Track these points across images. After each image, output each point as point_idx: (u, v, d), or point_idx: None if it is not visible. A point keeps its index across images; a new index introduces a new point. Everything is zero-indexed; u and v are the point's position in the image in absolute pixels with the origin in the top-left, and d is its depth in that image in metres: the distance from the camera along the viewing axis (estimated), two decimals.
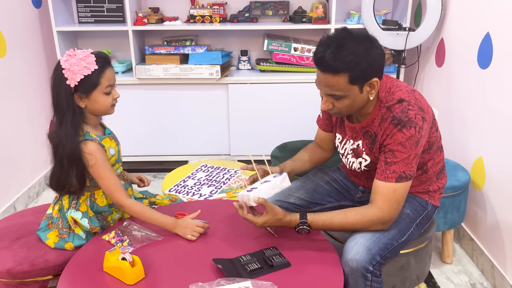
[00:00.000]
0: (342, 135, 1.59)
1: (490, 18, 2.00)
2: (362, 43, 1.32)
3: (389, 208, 1.37)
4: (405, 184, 1.37)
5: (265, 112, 2.96)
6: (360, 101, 1.39)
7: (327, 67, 1.31)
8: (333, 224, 1.39)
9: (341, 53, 1.29)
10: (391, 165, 1.36)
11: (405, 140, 1.34)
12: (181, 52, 2.88)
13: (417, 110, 1.36)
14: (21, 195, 2.62)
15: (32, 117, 2.73)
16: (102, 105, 1.44)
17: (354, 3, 3.02)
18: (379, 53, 1.35)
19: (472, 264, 2.14)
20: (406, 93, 1.40)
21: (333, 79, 1.32)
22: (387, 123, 1.38)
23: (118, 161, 1.55)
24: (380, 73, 1.37)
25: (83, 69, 1.37)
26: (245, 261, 1.31)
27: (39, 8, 2.85)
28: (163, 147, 3.06)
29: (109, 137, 1.51)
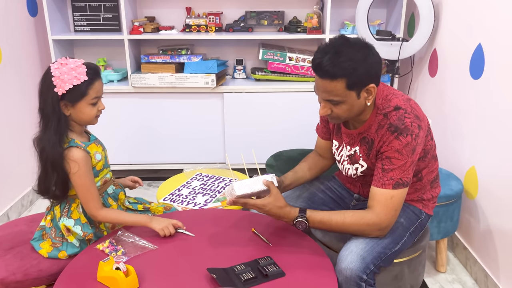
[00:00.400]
0: (339, 142, 1.60)
1: (481, 29, 2.03)
2: (359, 50, 1.35)
3: (386, 214, 1.38)
4: (402, 191, 1.39)
5: (260, 120, 2.98)
6: (358, 107, 1.41)
7: (325, 72, 1.34)
8: (331, 222, 1.40)
9: (338, 59, 1.32)
10: (388, 172, 1.38)
11: (402, 148, 1.36)
12: (177, 61, 2.89)
13: (413, 118, 1.38)
14: (14, 204, 2.60)
15: (26, 125, 2.72)
16: (86, 115, 1.45)
17: (349, 13, 3.05)
18: (376, 60, 1.38)
19: (466, 273, 2.14)
20: (402, 101, 1.42)
21: (331, 85, 1.35)
22: (384, 130, 1.40)
23: (106, 166, 1.56)
24: (377, 80, 1.40)
25: (73, 78, 1.38)
26: (239, 271, 1.31)
27: (35, 16, 2.86)
28: (158, 155, 3.06)
29: (94, 143, 1.52)
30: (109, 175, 1.58)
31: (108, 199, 1.56)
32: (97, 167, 1.50)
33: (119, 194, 1.60)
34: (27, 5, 2.76)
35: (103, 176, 1.54)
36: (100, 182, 1.53)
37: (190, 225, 1.58)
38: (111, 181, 1.59)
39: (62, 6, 2.96)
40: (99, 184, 1.53)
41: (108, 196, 1.56)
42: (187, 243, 1.49)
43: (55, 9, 2.86)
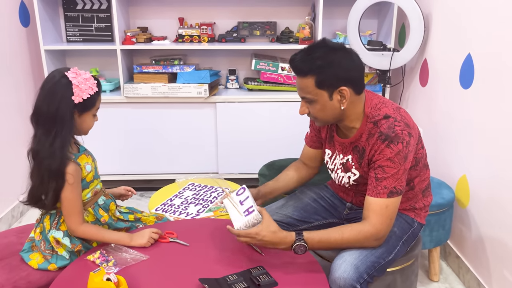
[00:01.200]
0: (332, 150, 1.61)
1: (471, 39, 2.06)
2: (333, 51, 1.39)
3: (382, 224, 1.38)
4: (396, 199, 1.39)
5: (253, 130, 2.98)
6: (332, 109, 1.42)
7: (295, 68, 1.41)
8: (330, 241, 1.39)
9: (308, 56, 1.38)
10: (381, 180, 1.38)
11: (393, 156, 1.37)
12: (170, 71, 2.90)
13: (403, 126, 1.39)
14: (4, 215, 2.57)
15: (18, 136, 2.70)
16: (87, 125, 1.47)
17: (340, 24, 3.08)
18: (350, 65, 1.40)
19: (459, 281, 2.15)
20: (392, 110, 1.44)
21: (302, 82, 1.41)
22: (374, 139, 1.41)
23: (96, 177, 1.54)
24: (352, 84, 1.40)
25: (88, 89, 1.41)
26: (231, 281, 1.30)
27: (27, 26, 2.86)
28: (151, 165, 3.04)
29: (84, 154, 1.50)
30: (99, 186, 1.56)
31: (99, 210, 1.55)
32: (87, 179, 1.49)
33: (110, 204, 1.59)
34: (19, 15, 2.76)
35: (93, 187, 1.52)
36: (90, 193, 1.52)
37: (182, 235, 1.57)
38: (101, 192, 1.57)
39: (54, 16, 2.96)
40: (90, 195, 1.51)
41: (99, 207, 1.55)
42: (179, 253, 1.48)
43: (47, 19, 2.86)
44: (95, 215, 1.53)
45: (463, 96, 2.12)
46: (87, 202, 1.51)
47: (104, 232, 1.50)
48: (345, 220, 1.69)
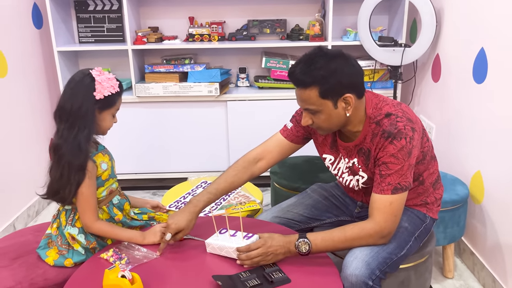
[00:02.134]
0: (334, 156, 1.58)
1: (484, 33, 2.03)
2: (332, 59, 1.36)
3: (386, 221, 1.37)
4: (401, 196, 1.38)
5: (263, 128, 2.97)
6: (337, 117, 1.41)
7: (297, 81, 1.38)
8: (333, 239, 1.38)
9: (309, 67, 1.35)
10: (385, 177, 1.37)
11: (397, 152, 1.36)
12: (180, 70, 2.91)
13: (406, 121, 1.38)
14: (20, 214, 2.61)
15: (32, 136, 2.74)
16: (106, 124, 1.49)
17: (351, 20, 3.06)
18: (352, 70, 1.38)
19: (474, 278, 2.12)
20: (393, 107, 1.43)
21: (305, 94, 1.38)
22: (378, 138, 1.40)
23: (112, 176, 1.56)
24: (355, 90, 1.39)
25: (110, 87, 1.44)
26: (244, 278, 1.31)
27: (40, 28, 2.90)
28: (163, 164, 3.07)
29: (101, 153, 1.52)
30: (115, 185, 1.58)
31: (113, 209, 1.57)
32: (103, 177, 1.51)
33: (124, 204, 1.61)
34: (32, 18, 2.80)
35: (108, 186, 1.54)
36: (105, 191, 1.54)
37: (195, 232, 1.58)
38: (116, 191, 1.59)
39: (66, 18, 3.00)
40: (105, 194, 1.54)
41: (113, 206, 1.57)
42: (192, 251, 1.49)
43: (60, 21, 2.90)
44: (109, 213, 1.55)
45: (477, 91, 2.10)
46: (102, 200, 1.53)
47: (118, 230, 1.52)
48: (357, 218, 1.68)
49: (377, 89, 2.94)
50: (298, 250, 1.37)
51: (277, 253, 1.36)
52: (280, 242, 1.37)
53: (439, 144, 2.51)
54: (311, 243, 1.37)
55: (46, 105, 2.92)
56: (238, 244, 1.39)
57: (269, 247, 1.36)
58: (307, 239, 1.37)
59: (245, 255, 1.36)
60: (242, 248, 1.37)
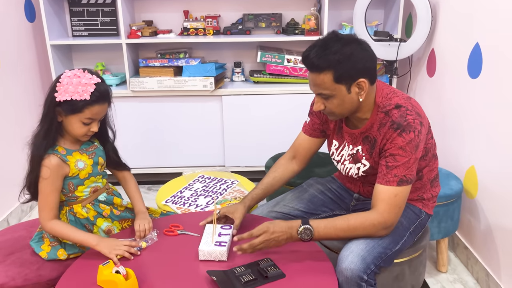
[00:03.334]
0: (339, 142, 1.59)
1: (479, 28, 2.03)
2: (347, 43, 1.36)
3: (389, 212, 1.38)
4: (405, 188, 1.39)
5: (259, 123, 2.98)
6: (350, 103, 1.41)
7: (311, 65, 1.37)
8: (336, 227, 1.38)
9: (324, 51, 1.35)
10: (392, 169, 1.38)
11: (405, 144, 1.36)
12: (175, 64, 2.89)
13: (415, 115, 1.39)
14: (14, 209, 2.60)
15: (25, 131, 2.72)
16: (74, 130, 1.44)
17: (346, 14, 3.05)
18: (365, 55, 1.38)
19: (467, 272, 2.14)
20: (403, 99, 1.43)
21: (319, 78, 1.37)
22: (386, 128, 1.40)
23: (95, 174, 1.53)
24: (369, 75, 1.39)
25: (75, 93, 1.38)
26: (239, 273, 1.31)
27: (33, 22, 2.87)
28: (158, 159, 3.06)
29: (79, 151, 1.49)
30: (101, 184, 1.56)
31: (100, 205, 1.56)
32: (81, 176, 1.49)
33: (113, 199, 1.59)
34: (25, 11, 2.77)
35: (91, 184, 1.53)
36: (88, 190, 1.52)
37: (191, 227, 1.58)
38: (103, 189, 1.58)
39: (59, 11, 2.97)
40: (88, 192, 1.52)
41: (99, 203, 1.56)
42: (187, 246, 1.48)
43: (53, 14, 2.86)
44: (95, 210, 1.54)
45: (471, 86, 2.10)
46: (85, 198, 1.53)
47: (72, 231, 1.45)
48: (353, 211, 1.69)
49: None
50: (300, 237, 1.37)
51: (279, 240, 1.35)
52: (283, 228, 1.36)
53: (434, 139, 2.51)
54: (313, 230, 1.37)
55: (40, 98, 2.89)
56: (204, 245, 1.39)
57: (272, 233, 1.34)
58: (310, 226, 1.37)
59: (247, 244, 1.33)
60: (245, 235, 1.35)
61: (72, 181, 1.47)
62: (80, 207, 1.52)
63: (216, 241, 1.41)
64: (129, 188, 1.66)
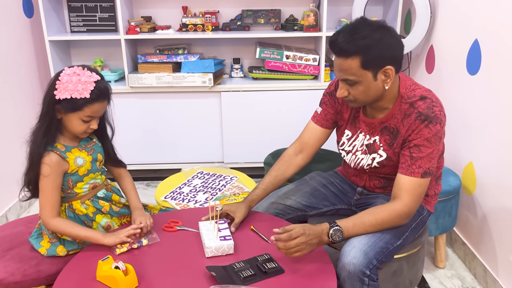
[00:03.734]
0: (353, 132, 1.57)
1: (478, 25, 2.04)
2: (376, 29, 1.34)
3: (414, 202, 1.40)
4: (427, 181, 1.41)
5: (258, 119, 2.98)
6: (375, 90, 1.39)
7: (339, 49, 1.35)
8: (364, 223, 1.38)
9: (353, 36, 1.33)
10: (416, 160, 1.38)
11: (431, 136, 1.37)
12: (174, 60, 2.89)
13: (440, 107, 1.40)
14: (13, 205, 2.60)
15: (24, 126, 2.71)
16: (74, 128, 1.44)
17: (345, 11, 3.05)
18: (394, 42, 1.37)
19: (465, 268, 2.15)
20: (426, 91, 1.44)
21: (346, 63, 1.35)
22: (412, 119, 1.40)
23: (94, 170, 1.53)
24: (395, 63, 1.38)
25: (75, 91, 1.38)
26: (238, 268, 1.31)
27: (31, 17, 2.85)
28: (156, 155, 3.06)
29: (78, 148, 1.49)
30: (100, 180, 1.56)
31: (99, 201, 1.56)
32: (80, 172, 1.48)
33: (112, 196, 1.59)
34: (23, 6, 2.76)
35: (89, 181, 1.53)
36: (87, 186, 1.52)
37: (190, 223, 1.58)
38: (102, 185, 1.58)
39: (58, 6, 2.95)
40: (87, 189, 1.52)
41: (98, 199, 1.56)
42: (186, 242, 1.49)
43: (51, 9, 2.85)
44: (94, 206, 1.54)
45: (470, 82, 2.10)
46: (84, 195, 1.52)
47: (77, 228, 1.45)
48: (354, 206, 1.69)
49: None
50: (331, 239, 1.35)
51: (312, 243, 1.33)
52: (316, 232, 1.34)
53: None
54: (343, 230, 1.37)
55: (38, 95, 2.89)
56: (209, 242, 1.39)
57: (308, 235, 1.32)
58: (339, 227, 1.36)
59: (282, 244, 1.30)
60: (283, 236, 1.31)
61: (71, 177, 1.47)
62: (79, 204, 1.52)
63: (220, 236, 1.42)
64: (125, 185, 1.66)
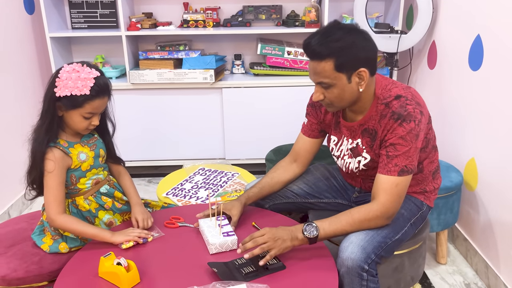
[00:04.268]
0: (338, 137, 1.59)
1: (480, 20, 2.02)
2: (349, 32, 1.36)
3: (391, 202, 1.38)
4: (406, 178, 1.39)
5: (259, 115, 2.97)
6: (350, 93, 1.40)
7: (312, 52, 1.36)
8: (341, 223, 1.38)
9: (326, 39, 1.34)
10: (392, 158, 1.38)
11: (405, 134, 1.37)
12: (175, 56, 2.88)
13: (415, 104, 1.39)
14: (15, 202, 2.61)
15: (25, 123, 2.72)
16: (75, 125, 1.44)
17: (347, 6, 3.04)
18: (367, 45, 1.38)
19: (466, 264, 2.15)
20: (402, 89, 1.43)
21: (320, 66, 1.36)
22: (386, 119, 1.40)
23: (96, 166, 1.54)
24: (369, 65, 1.39)
25: (75, 88, 1.38)
26: (240, 264, 1.31)
27: (32, 14, 2.85)
28: (158, 152, 3.06)
29: (80, 144, 1.50)
30: (102, 176, 1.57)
31: (102, 197, 1.56)
32: (83, 168, 1.49)
33: (114, 193, 1.60)
34: (24, 3, 2.75)
35: (92, 176, 1.53)
36: (90, 182, 1.53)
37: (191, 219, 1.58)
38: (105, 181, 1.58)
39: (58, 3, 2.95)
40: (90, 184, 1.53)
41: (101, 195, 1.56)
42: (188, 238, 1.49)
43: (52, 6, 2.85)
44: (97, 202, 1.55)
45: (472, 78, 2.10)
46: (87, 190, 1.53)
47: (86, 227, 1.45)
48: (354, 203, 1.69)
49: None
50: (305, 234, 1.35)
51: (284, 238, 1.34)
52: (286, 230, 1.36)
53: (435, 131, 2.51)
54: (318, 226, 1.37)
55: (39, 92, 2.89)
56: (213, 238, 1.39)
57: (275, 233, 1.34)
58: (314, 224, 1.37)
59: (251, 241, 1.33)
60: (247, 239, 1.35)
61: (74, 173, 1.48)
62: (82, 199, 1.52)
63: (223, 232, 1.42)
64: (124, 182, 1.66)
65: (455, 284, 2.02)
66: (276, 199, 1.70)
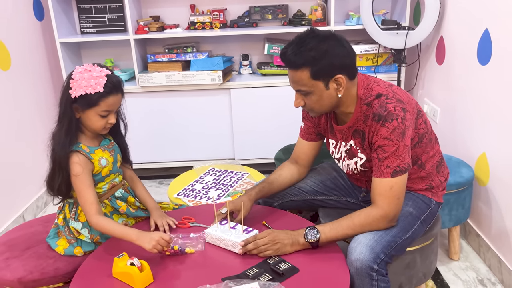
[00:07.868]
0: (335, 140, 1.60)
1: (488, 14, 2.01)
2: (323, 40, 1.37)
3: (389, 204, 1.38)
4: (401, 178, 1.39)
5: (268, 115, 2.98)
6: (329, 98, 1.42)
7: (288, 62, 1.39)
8: (342, 226, 1.40)
9: (300, 48, 1.36)
10: (383, 160, 1.38)
11: (389, 134, 1.36)
12: (183, 59, 2.90)
13: (396, 102, 1.38)
14: (29, 205, 2.65)
15: (37, 128, 2.76)
16: (93, 124, 1.46)
17: (353, 4, 3.03)
18: (342, 51, 1.38)
19: (479, 260, 2.14)
20: (384, 87, 1.43)
21: (296, 75, 1.39)
22: (370, 120, 1.41)
23: (114, 171, 1.56)
24: (346, 70, 1.39)
25: (88, 86, 1.40)
26: (254, 274, 1.29)
27: (42, 20, 2.89)
28: (168, 153, 3.08)
29: (101, 149, 1.52)
30: (118, 179, 1.59)
31: (116, 201, 1.58)
32: (103, 173, 1.51)
33: (128, 197, 1.62)
34: (34, 9, 2.80)
35: (110, 181, 1.55)
36: (107, 186, 1.55)
37: (203, 219, 1.60)
38: (120, 185, 1.60)
39: (68, 9, 2.99)
40: (106, 188, 1.55)
41: (116, 199, 1.58)
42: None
43: (61, 12, 2.89)
44: (112, 206, 1.57)
45: (481, 72, 2.08)
46: (103, 194, 1.55)
47: (116, 227, 1.45)
48: (362, 202, 1.69)
49: (380, 73, 2.92)
50: (307, 239, 1.38)
51: (284, 243, 1.37)
52: (288, 234, 1.39)
53: (444, 127, 2.50)
54: (319, 230, 1.38)
55: (51, 97, 2.93)
56: (237, 238, 1.39)
57: (276, 236, 1.38)
58: (315, 228, 1.39)
59: (252, 243, 1.37)
60: (250, 239, 1.38)
61: (94, 178, 1.50)
62: None
63: (243, 230, 1.44)
64: (138, 187, 1.68)
65: (469, 280, 2.00)
66: (284, 197, 1.71)
